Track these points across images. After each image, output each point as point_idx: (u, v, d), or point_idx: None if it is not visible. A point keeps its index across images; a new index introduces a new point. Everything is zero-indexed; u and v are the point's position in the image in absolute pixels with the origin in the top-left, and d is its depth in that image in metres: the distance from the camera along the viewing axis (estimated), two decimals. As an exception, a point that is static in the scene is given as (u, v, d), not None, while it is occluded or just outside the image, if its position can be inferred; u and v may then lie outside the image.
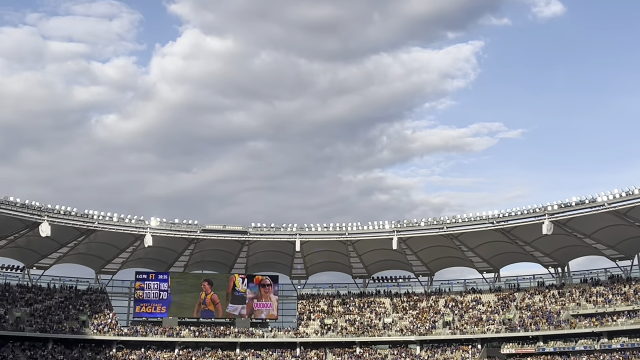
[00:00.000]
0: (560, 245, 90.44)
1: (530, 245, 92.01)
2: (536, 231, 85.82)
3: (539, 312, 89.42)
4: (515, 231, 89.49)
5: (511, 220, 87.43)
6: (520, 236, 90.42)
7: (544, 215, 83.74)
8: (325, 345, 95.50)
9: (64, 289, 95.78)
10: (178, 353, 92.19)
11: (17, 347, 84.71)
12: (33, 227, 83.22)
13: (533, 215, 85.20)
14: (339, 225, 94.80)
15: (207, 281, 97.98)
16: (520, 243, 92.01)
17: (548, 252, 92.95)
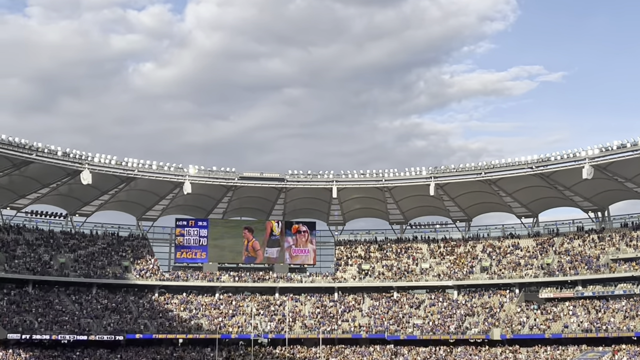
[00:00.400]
0: (600, 190, 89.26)
1: (570, 190, 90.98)
2: (576, 176, 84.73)
3: (578, 257, 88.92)
4: (554, 176, 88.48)
5: (550, 164, 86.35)
6: (559, 181, 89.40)
7: (584, 159, 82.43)
8: (362, 290, 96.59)
9: (106, 235, 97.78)
10: (218, 297, 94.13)
11: (63, 292, 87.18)
12: (74, 175, 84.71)
13: (573, 159, 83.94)
14: (375, 171, 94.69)
15: (247, 229, 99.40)
16: (559, 188, 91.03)
17: (588, 196, 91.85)
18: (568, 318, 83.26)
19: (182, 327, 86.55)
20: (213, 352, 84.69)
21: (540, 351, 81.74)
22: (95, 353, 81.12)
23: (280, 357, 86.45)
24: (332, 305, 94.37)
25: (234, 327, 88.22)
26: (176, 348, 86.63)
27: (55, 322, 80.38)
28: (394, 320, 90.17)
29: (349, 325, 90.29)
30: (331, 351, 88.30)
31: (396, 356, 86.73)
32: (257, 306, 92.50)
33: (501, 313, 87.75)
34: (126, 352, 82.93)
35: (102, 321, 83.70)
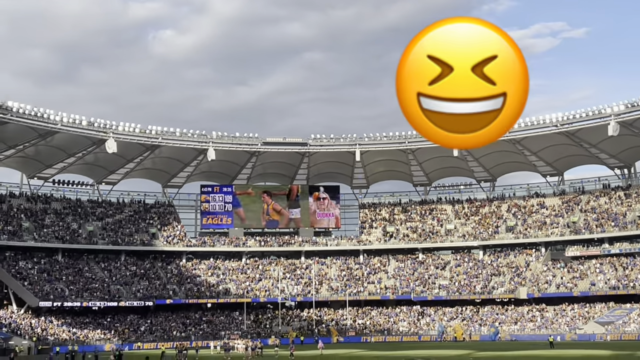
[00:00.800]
0: (626, 146, 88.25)
1: (596, 147, 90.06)
2: (602, 133, 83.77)
3: (605, 214, 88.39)
4: (579, 133, 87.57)
5: (575, 122, 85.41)
6: (585, 138, 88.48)
7: (609, 116, 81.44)
8: (387, 252, 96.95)
9: (132, 203, 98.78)
10: (245, 262, 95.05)
11: (92, 260, 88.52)
12: (99, 144, 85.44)
13: (598, 116, 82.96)
14: (398, 133, 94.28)
15: (266, 192, 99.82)
16: (585, 145, 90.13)
17: (614, 153, 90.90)
18: (595, 276, 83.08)
19: (210, 291, 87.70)
20: (241, 315, 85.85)
21: (567, 309, 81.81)
22: (125, 319, 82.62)
23: (308, 320, 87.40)
24: (358, 268, 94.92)
25: (261, 291, 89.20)
26: (205, 312, 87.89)
27: (86, 289, 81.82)
28: (420, 281, 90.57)
29: (374, 287, 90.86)
30: (358, 313, 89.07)
31: (423, 317, 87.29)
32: (283, 270, 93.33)
33: (527, 272, 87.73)
34: (156, 317, 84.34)
35: (132, 287, 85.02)
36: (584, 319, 79.25)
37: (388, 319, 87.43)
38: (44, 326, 76.08)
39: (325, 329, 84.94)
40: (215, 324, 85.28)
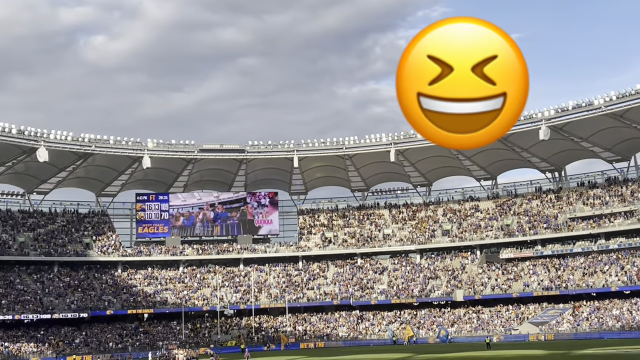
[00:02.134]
0: (557, 150, 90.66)
1: (528, 151, 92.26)
2: (533, 137, 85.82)
3: (537, 217, 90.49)
4: (512, 138, 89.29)
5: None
6: (517, 142, 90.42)
7: (540, 120, 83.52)
8: (326, 257, 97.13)
9: (65, 213, 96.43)
10: (183, 271, 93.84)
11: (23, 272, 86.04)
12: (30, 153, 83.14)
13: (530, 121, 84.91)
14: (336, 139, 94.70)
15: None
16: (517, 149, 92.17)
17: (545, 157, 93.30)
18: (528, 277, 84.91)
19: (146, 301, 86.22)
20: (179, 325, 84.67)
21: (502, 310, 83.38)
22: (59, 331, 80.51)
23: (247, 327, 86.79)
24: (297, 274, 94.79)
25: (200, 300, 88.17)
26: (142, 323, 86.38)
27: (17, 301, 79.41)
28: (359, 286, 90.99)
29: (314, 293, 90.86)
30: (298, 319, 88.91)
31: (362, 321, 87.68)
32: (222, 278, 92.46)
33: (463, 275, 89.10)
34: (91, 329, 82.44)
35: (65, 299, 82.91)
36: (519, 319, 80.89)
37: (328, 325, 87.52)
38: (-27, 341, 73.51)
39: (271, 336, 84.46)
40: (152, 334, 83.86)
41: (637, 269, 77.98)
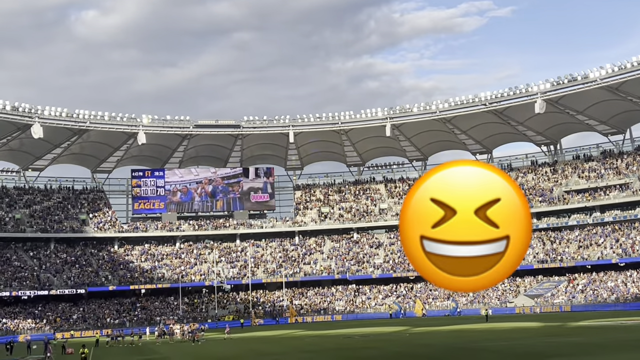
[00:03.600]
0: (552, 123, 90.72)
1: (523, 125, 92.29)
2: (529, 110, 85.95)
3: (532, 190, 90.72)
4: (507, 111, 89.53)
5: (504, 100, 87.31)
6: (512, 116, 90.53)
7: (536, 94, 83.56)
8: (323, 232, 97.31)
9: (61, 189, 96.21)
10: (179, 246, 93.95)
11: (20, 248, 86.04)
12: (25, 130, 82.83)
13: (525, 94, 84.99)
14: (331, 114, 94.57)
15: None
16: (512, 123, 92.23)
17: (541, 130, 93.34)
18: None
19: (144, 277, 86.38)
20: (177, 300, 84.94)
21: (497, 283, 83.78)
22: (57, 307, 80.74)
23: (244, 302, 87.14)
24: (294, 249, 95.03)
25: (197, 275, 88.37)
26: (139, 298, 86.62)
27: (15, 278, 79.49)
28: (355, 260, 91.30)
29: (311, 267, 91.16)
30: (294, 294, 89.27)
31: (358, 295, 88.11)
32: (218, 253, 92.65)
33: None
34: (89, 305, 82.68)
35: (63, 275, 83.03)
36: (514, 292, 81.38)
37: (325, 299, 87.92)
38: (-28, 318, 73.69)
39: (279, 310, 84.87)
40: (150, 310, 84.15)
41: (632, 241, 78.40)
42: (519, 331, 46.22)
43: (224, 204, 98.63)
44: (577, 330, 44.37)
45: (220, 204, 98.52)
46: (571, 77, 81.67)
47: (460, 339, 41.11)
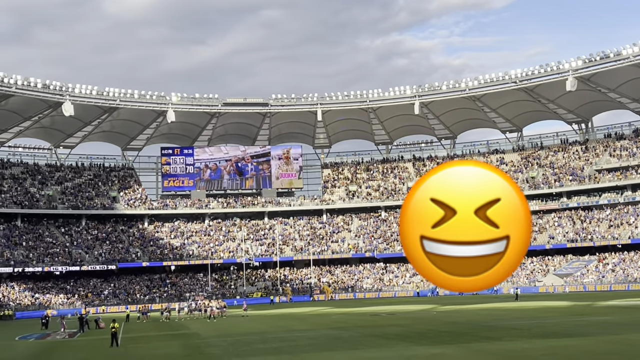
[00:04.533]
0: (584, 101, 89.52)
1: (554, 103, 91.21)
2: (560, 88, 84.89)
3: (563, 169, 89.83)
4: (538, 89, 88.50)
5: (534, 78, 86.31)
6: (543, 94, 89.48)
7: (567, 71, 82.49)
8: (350, 211, 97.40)
9: (92, 166, 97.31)
10: (208, 224, 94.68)
11: (52, 225, 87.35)
12: (56, 107, 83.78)
13: (556, 72, 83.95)
14: (359, 92, 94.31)
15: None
16: (543, 101, 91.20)
17: (572, 108, 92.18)
18: (553, 229, 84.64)
19: (173, 254, 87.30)
20: (205, 277, 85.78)
21: (526, 262, 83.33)
22: (88, 283, 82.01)
23: (272, 279, 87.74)
24: (321, 227, 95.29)
25: (225, 252, 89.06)
26: (169, 275, 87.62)
27: (47, 254, 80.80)
28: (383, 239, 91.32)
29: (338, 245, 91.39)
30: (322, 271, 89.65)
31: (386, 273, 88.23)
32: (246, 231, 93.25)
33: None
34: (119, 281, 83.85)
35: (94, 251, 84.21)
36: (543, 271, 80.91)
37: (352, 277, 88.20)
38: (6, 292, 75.12)
39: (314, 287, 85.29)
40: (179, 286, 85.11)
41: (664, 220, 77.39)
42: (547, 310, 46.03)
43: (254, 182, 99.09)
44: (606, 309, 44.06)
45: (250, 182, 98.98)
46: (603, 54, 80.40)
47: (488, 317, 41.05)
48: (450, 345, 26.19)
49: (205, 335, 36.83)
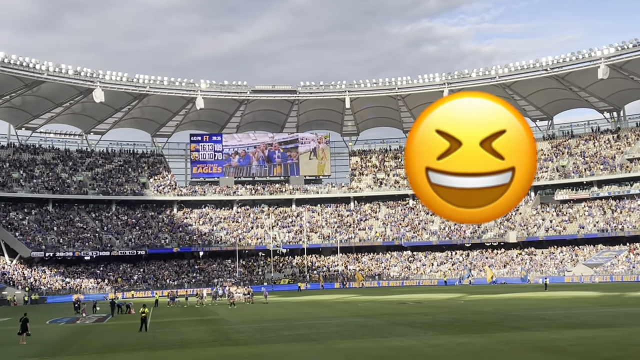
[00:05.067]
0: (616, 89, 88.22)
1: (585, 91, 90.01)
2: (591, 76, 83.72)
3: (594, 158, 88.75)
4: (569, 77, 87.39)
5: (565, 65, 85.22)
6: (574, 82, 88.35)
7: (599, 59, 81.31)
8: (378, 198, 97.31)
9: (122, 152, 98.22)
10: (236, 210, 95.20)
11: (83, 210, 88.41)
12: (87, 94, 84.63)
13: (588, 59, 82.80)
14: (388, 80, 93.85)
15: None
16: (574, 89, 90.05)
17: (603, 96, 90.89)
18: (584, 219, 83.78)
19: (201, 240, 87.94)
20: (233, 263, 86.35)
21: (556, 252, 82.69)
22: (118, 267, 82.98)
23: (299, 266, 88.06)
24: (349, 215, 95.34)
25: (253, 239, 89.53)
26: (197, 260, 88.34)
27: (77, 239, 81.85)
28: (410, 227, 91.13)
29: (366, 233, 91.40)
30: (349, 259, 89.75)
31: (413, 261, 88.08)
32: (274, 218, 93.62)
33: (517, 216, 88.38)
34: (148, 266, 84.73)
35: (124, 237, 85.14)
36: (573, 261, 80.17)
37: (379, 264, 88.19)
38: (37, 276, 76.30)
39: (346, 274, 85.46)
40: (207, 272, 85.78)
41: (697, 211, 76.17)
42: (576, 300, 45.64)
43: (282, 169, 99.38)
44: (637, 300, 43.57)
45: (278, 169, 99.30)
46: (636, 41, 79.10)
47: (516, 307, 40.82)
48: (477, 334, 26.10)
49: (232, 321, 37.14)
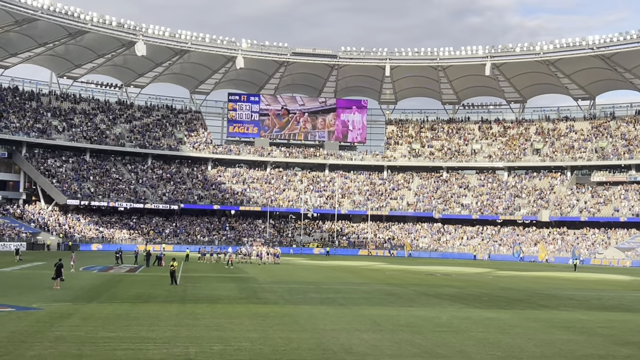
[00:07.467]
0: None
1: (631, 73, 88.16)
2: (638, 58, 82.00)
3: (634, 141, 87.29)
4: (616, 57, 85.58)
5: (612, 46, 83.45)
6: (621, 63, 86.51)
7: (648, 40, 79.49)
8: (412, 169, 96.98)
9: (160, 107, 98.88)
10: (269, 172, 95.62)
11: (119, 162, 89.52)
12: (129, 46, 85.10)
13: (636, 40, 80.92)
14: (430, 49, 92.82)
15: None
16: (620, 70, 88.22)
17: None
18: (619, 202, 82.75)
19: (234, 199, 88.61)
20: (264, 223, 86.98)
21: (588, 234, 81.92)
22: (151, 220, 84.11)
23: (329, 231, 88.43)
24: (381, 183, 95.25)
25: (284, 201, 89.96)
26: (229, 219, 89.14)
27: (112, 189, 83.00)
28: (442, 199, 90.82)
29: (397, 203, 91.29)
30: (379, 227, 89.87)
31: (443, 234, 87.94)
32: (307, 182, 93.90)
33: (551, 195, 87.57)
34: (181, 221, 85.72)
35: (158, 190, 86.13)
36: (605, 244, 79.40)
37: (408, 234, 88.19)
38: (72, 224, 77.69)
39: (394, 243, 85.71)
40: (238, 231, 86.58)
41: None
42: (606, 283, 45.30)
43: (317, 134, 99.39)
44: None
45: (311, 134, 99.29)
46: (689, 24, 77.11)
47: (544, 286, 40.63)
48: (504, 310, 26.09)
49: (261, 281, 37.53)
